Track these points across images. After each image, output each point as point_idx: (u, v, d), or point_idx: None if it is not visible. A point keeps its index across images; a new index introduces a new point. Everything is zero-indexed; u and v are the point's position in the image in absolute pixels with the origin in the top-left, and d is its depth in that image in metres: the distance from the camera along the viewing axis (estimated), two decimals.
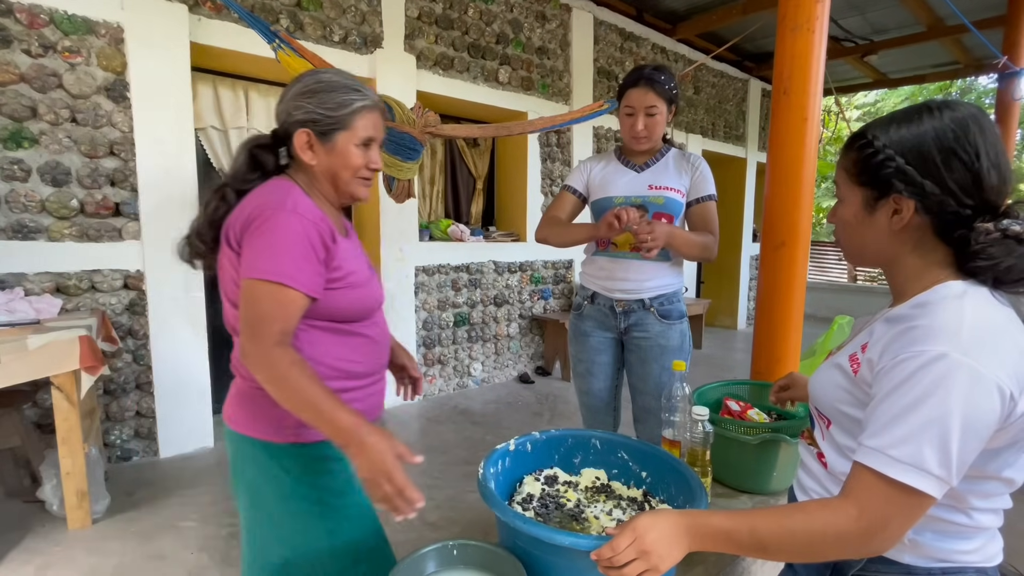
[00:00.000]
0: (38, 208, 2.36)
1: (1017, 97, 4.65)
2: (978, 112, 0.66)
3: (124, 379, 2.61)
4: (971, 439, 0.60)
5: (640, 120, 1.58)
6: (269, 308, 0.83)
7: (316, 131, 0.92)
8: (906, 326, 0.66)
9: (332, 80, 0.93)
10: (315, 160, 0.94)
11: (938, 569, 0.70)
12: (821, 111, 1.72)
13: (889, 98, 13.56)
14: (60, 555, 1.90)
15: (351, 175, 0.96)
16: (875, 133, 0.70)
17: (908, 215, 0.68)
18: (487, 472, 0.90)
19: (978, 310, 0.64)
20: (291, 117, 0.93)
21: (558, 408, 3.60)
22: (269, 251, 0.84)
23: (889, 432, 0.62)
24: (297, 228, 0.85)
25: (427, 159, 4.08)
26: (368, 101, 0.94)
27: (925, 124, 0.67)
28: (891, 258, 0.73)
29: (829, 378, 0.78)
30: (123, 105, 2.50)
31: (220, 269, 0.95)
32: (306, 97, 0.92)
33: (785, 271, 1.67)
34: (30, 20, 2.28)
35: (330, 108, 0.92)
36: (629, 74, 1.62)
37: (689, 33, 5.05)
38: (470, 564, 0.80)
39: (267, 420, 0.94)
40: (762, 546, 0.66)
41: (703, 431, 1.06)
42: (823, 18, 1.60)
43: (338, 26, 3.12)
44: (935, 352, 0.61)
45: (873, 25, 5.04)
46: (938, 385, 0.60)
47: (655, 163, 1.67)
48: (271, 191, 0.91)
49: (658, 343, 1.62)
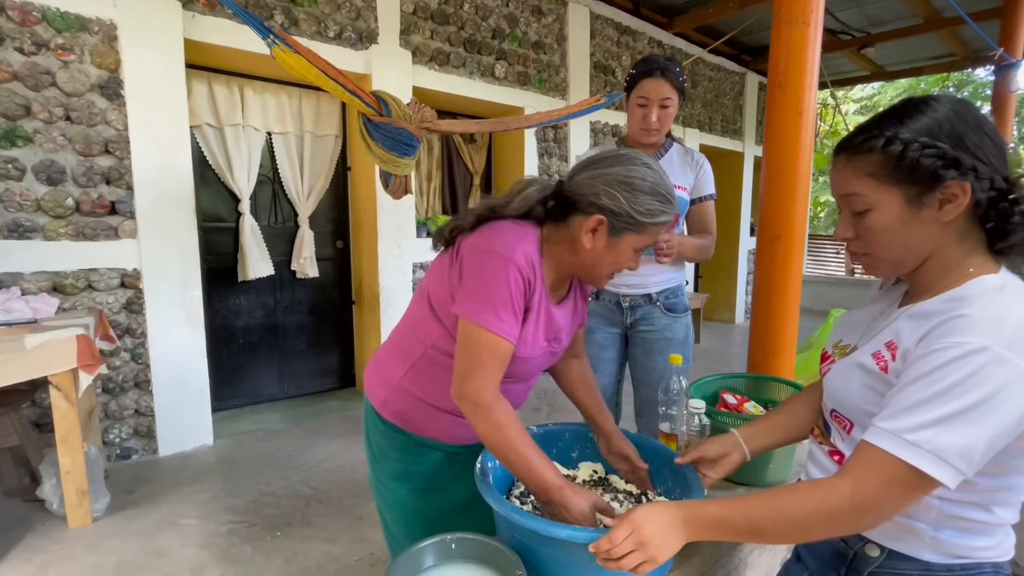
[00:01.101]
0: (33, 207, 2.35)
1: (1013, 89, 4.66)
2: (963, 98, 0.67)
3: (122, 378, 2.61)
4: (1001, 437, 0.59)
5: (654, 112, 1.55)
6: (490, 360, 0.87)
7: (611, 223, 0.89)
8: (942, 319, 0.64)
9: (655, 182, 0.89)
10: (590, 245, 0.91)
11: (957, 565, 0.70)
12: (817, 104, 1.72)
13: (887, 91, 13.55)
14: (60, 553, 1.91)
15: (608, 273, 0.95)
16: (893, 130, 0.66)
17: (966, 199, 0.64)
18: (485, 466, 0.91)
19: (1022, 305, 0.62)
20: (599, 198, 0.88)
21: (556, 403, 3.61)
22: (492, 301, 0.86)
23: (910, 417, 0.61)
24: (515, 275, 0.87)
25: (424, 155, 4.08)
26: (671, 216, 0.91)
27: (938, 111, 0.65)
28: (932, 253, 0.69)
29: (853, 379, 0.74)
30: (117, 103, 2.49)
31: (435, 266, 1.01)
32: (626, 188, 0.87)
33: (781, 264, 1.68)
34: (22, 17, 2.27)
35: (640, 211, 0.87)
36: (642, 63, 1.57)
37: (686, 27, 5.03)
38: (468, 557, 0.81)
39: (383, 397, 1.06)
40: (757, 530, 0.66)
41: (700, 424, 1.07)
42: (818, 11, 1.60)
43: (333, 22, 3.11)
44: (976, 344, 0.59)
45: (870, 17, 5.03)
46: (976, 378, 0.58)
47: (659, 159, 1.65)
48: (509, 231, 0.91)
49: (664, 336, 1.63)
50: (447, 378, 0.93)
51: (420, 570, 0.78)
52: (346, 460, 2.71)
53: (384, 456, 1.08)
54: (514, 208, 0.95)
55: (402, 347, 1.05)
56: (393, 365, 1.06)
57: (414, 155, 2.43)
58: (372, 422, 1.10)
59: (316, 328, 3.70)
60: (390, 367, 1.06)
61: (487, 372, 0.86)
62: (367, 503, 2.27)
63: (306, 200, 3.48)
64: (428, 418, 1.04)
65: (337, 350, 3.80)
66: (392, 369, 1.06)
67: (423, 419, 1.04)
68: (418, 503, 1.07)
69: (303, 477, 2.52)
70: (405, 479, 1.07)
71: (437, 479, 1.08)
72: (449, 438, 1.07)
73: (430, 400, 1.02)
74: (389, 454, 1.08)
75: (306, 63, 2.05)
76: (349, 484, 2.45)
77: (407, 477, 1.07)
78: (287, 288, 3.55)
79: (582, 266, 0.94)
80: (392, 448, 1.07)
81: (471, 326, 0.86)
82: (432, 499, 1.07)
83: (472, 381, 0.86)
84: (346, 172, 3.69)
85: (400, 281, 3.58)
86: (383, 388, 1.07)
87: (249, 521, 2.15)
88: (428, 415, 1.04)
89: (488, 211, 0.96)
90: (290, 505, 2.28)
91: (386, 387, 1.06)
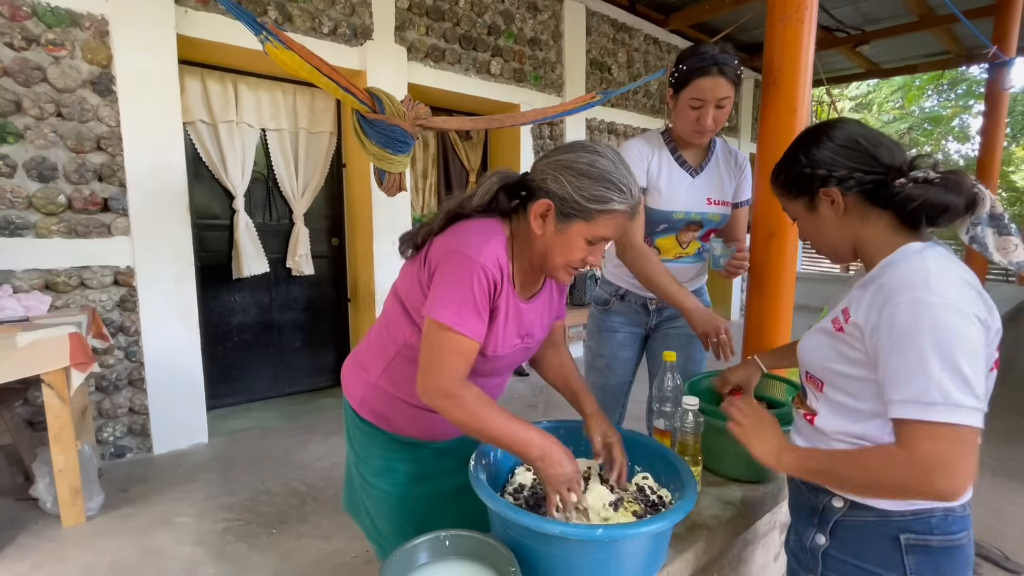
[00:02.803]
0: (25, 204, 2.33)
1: (1006, 87, 4.68)
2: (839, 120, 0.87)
3: (116, 376, 2.60)
4: (976, 361, 0.69)
5: (710, 113, 1.41)
6: (452, 357, 0.88)
7: (558, 208, 0.88)
8: (878, 283, 0.78)
9: (605, 170, 0.87)
10: (540, 231, 0.91)
11: (909, 512, 0.80)
12: (811, 102, 1.73)
13: (881, 88, 13.60)
14: (54, 552, 1.90)
15: (562, 262, 0.93)
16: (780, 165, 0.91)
17: (839, 197, 0.83)
18: (479, 463, 0.91)
19: (939, 260, 0.76)
20: (545, 182, 0.89)
21: (552, 400, 3.62)
22: (456, 300, 0.86)
23: (912, 382, 0.70)
24: (479, 276, 0.87)
25: (419, 152, 4.06)
26: (625, 207, 0.88)
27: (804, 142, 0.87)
28: (853, 238, 0.86)
29: (817, 342, 0.88)
30: (109, 99, 2.47)
31: (406, 268, 1.02)
32: (571, 173, 0.87)
33: (775, 261, 1.68)
34: (12, 12, 2.24)
35: (585, 196, 0.86)
36: (693, 57, 1.40)
37: (681, 24, 5.03)
38: (462, 554, 0.81)
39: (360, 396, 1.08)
40: (831, 473, 0.78)
41: (693, 421, 1.07)
42: (812, 8, 1.60)
43: (327, 18, 3.09)
44: (911, 298, 0.71)
45: (865, 15, 5.04)
46: (926, 325, 0.70)
47: (708, 163, 1.57)
48: (476, 231, 0.91)
49: (687, 331, 1.62)
50: None
51: (414, 567, 0.78)
52: (341, 458, 2.70)
53: (367, 454, 1.09)
54: (479, 199, 0.94)
55: (378, 346, 1.06)
56: (369, 364, 1.07)
57: (408, 152, 2.42)
58: (352, 421, 1.11)
59: (311, 326, 3.69)
60: (367, 366, 1.07)
61: (449, 368, 0.87)
62: None
63: (301, 197, 3.46)
64: (405, 416, 1.05)
65: (332, 348, 3.80)
66: (369, 368, 1.07)
67: (400, 417, 1.05)
68: (404, 499, 1.07)
69: (298, 475, 2.52)
70: (388, 475, 1.07)
71: (422, 474, 1.08)
72: (428, 435, 1.08)
73: (406, 398, 1.03)
74: (371, 451, 1.08)
75: (299, 60, 2.03)
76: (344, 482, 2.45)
77: (390, 473, 1.07)
78: (282, 286, 3.53)
79: (537, 255, 0.94)
80: (374, 445, 1.08)
81: (434, 325, 0.87)
82: (418, 493, 1.08)
83: (435, 377, 0.87)
84: (341, 169, 3.67)
85: (395, 277, 3.57)
86: (360, 387, 1.08)
87: (244, 519, 2.15)
88: (405, 413, 1.05)
89: (457, 207, 0.96)
90: (285, 503, 2.28)
91: (363, 386, 1.07)
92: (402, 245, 1.02)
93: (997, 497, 2.44)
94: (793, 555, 0.97)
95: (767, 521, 1.30)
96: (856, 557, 0.85)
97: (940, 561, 0.81)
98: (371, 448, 1.08)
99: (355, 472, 1.14)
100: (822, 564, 0.89)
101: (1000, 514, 2.30)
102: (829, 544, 0.88)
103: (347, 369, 1.14)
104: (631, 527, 0.78)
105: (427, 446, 1.09)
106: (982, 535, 2.10)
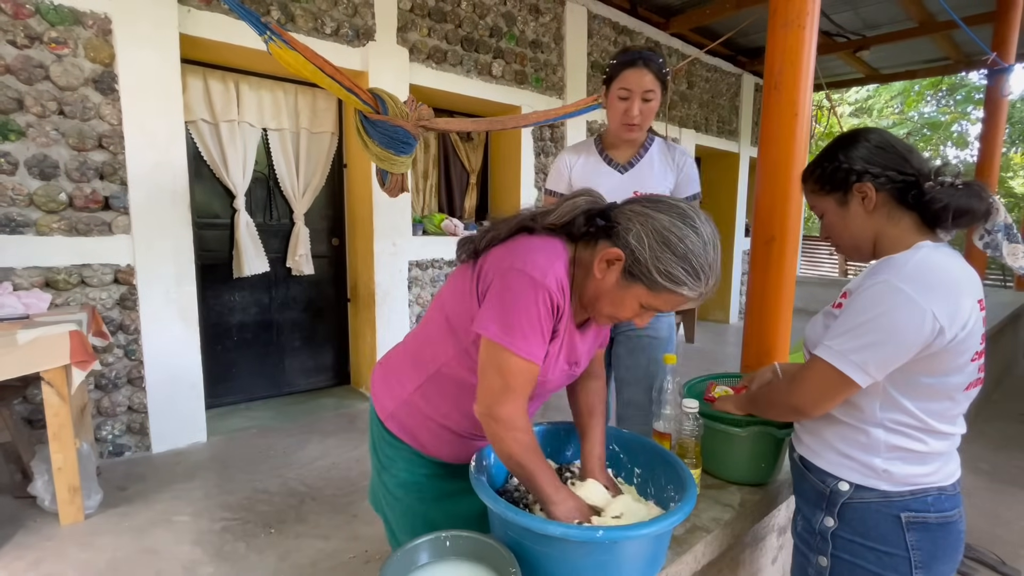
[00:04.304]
0: (26, 202, 2.33)
1: (1005, 93, 4.70)
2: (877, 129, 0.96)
3: (115, 374, 2.60)
4: (892, 345, 0.82)
5: (636, 104, 1.47)
6: (522, 385, 0.85)
7: (627, 264, 0.83)
8: (871, 270, 0.90)
9: (693, 252, 0.81)
10: (601, 276, 0.85)
11: (907, 492, 0.90)
12: (812, 106, 1.74)
13: (881, 93, 13.64)
14: (52, 550, 1.90)
15: (608, 313, 0.88)
16: (818, 160, 0.98)
17: (873, 193, 0.91)
18: (479, 464, 0.91)
19: (930, 257, 0.85)
20: (628, 233, 0.83)
21: (551, 401, 3.61)
22: (522, 324, 0.82)
23: (838, 335, 0.87)
24: (545, 301, 0.83)
25: (420, 153, 4.07)
26: (695, 294, 0.83)
27: (845, 142, 0.95)
28: (876, 234, 0.94)
29: (819, 322, 0.99)
30: (111, 97, 2.47)
31: (455, 279, 0.96)
32: (658, 239, 0.81)
33: (775, 265, 1.69)
34: (15, 10, 2.25)
35: (659, 269, 0.80)
36: (622, 54, 1.50)
37: (683, 27, 5.04)
38: (463, 555, 0.81)
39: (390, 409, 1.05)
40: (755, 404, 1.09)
41: (693, 423, 1.08)
42: (814, 13, 1.61)
43: (330, 18, 3.10)
44: (879, 279, 0.85)
45: (865, 20, 5.06)
46: (874, 301, 0.84)
47: (640, 160, 1.60)
48: (540, 251, 0.86)
49: (647, 334, 1.62)
50: (459, 397, 0.92)
51: (414, 567, 0.79)
52: (340, 457, 2.70)
53: (391, 465, 1.06)
54: (557, 218, 0.89)
55: (415, 359, 1.02)
56: (404, 377, 1.03)
57: (411, 153, 2.43)
58: (378, 432, 1.08)
59: (311, 325, 3.69)
60: (401, 379, 1.03)
61: (519, 396, 0.85)
62: (361, 500, 2.27)
63: (302, 197, 3.46)
64: (434, 437, 1.02)
65: (332, 347, 3.80)
66: (403, 382, 1.03)
67: (430, 437, 1.03)
68: (428, 512, 1.05)
69: (297, 474, 2.52)
70: (413, 489, 1.05)
71: (447, 491, 1.06)
72: (453, 458, 1.05)
73: (439, 419, 1.00)
74: (396, 463, 1.05)
75: (302, 60, 2.04)
76: (343, 482, 2.45)
77: (415, 487, 1.05)
78: (282, 285, 3.53)
79: (587, 293, 0.89)
80: (400, 459, 1.05)
81: (500, 350, 0.83)
82: (441, 510, 1.05)
83: (507, 406, 0.84)
84: (342, 169, 3.68)
85: (395, 279, 3.58)
86: (391, 400, 1.04)
87: (243, 518, 2.15)
88: (435, 434, 1.02)
89: (530, 219, 0.91)
90: (284, 502, 2.27)
91: (394, 400, 1.04)
92: (460, 249, 0.95)
93: (994, 502, 2.45)
94: (801, 539, 1.03)
95: (765, 524, 1.30)
96: (863, 536, 0.92)
97: (937, 535, 0.90)
98: (397, 460, 1.06)
99: (378, 479, 1.11)
100: (832, 545, 0.95)
101: (997, 519, 2.31)
102: (838, 526, 0.94)
103: (377, 378, 1.09)
104: (631, 529, 0.78)
105: (453, 466, 1.06)
106: (979, 540, 2.11)
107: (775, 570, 1.40)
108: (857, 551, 0.93)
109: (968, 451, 1.01)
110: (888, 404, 0.89)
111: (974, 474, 2.69)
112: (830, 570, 0.96)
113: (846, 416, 0.93)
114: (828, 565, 0.96)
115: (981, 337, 0.88)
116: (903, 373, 0.86)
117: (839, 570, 0.95)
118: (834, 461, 0.95)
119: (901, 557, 0.90)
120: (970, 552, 2.01)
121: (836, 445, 0.95)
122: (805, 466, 1.01)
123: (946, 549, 0.91)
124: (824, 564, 0.97)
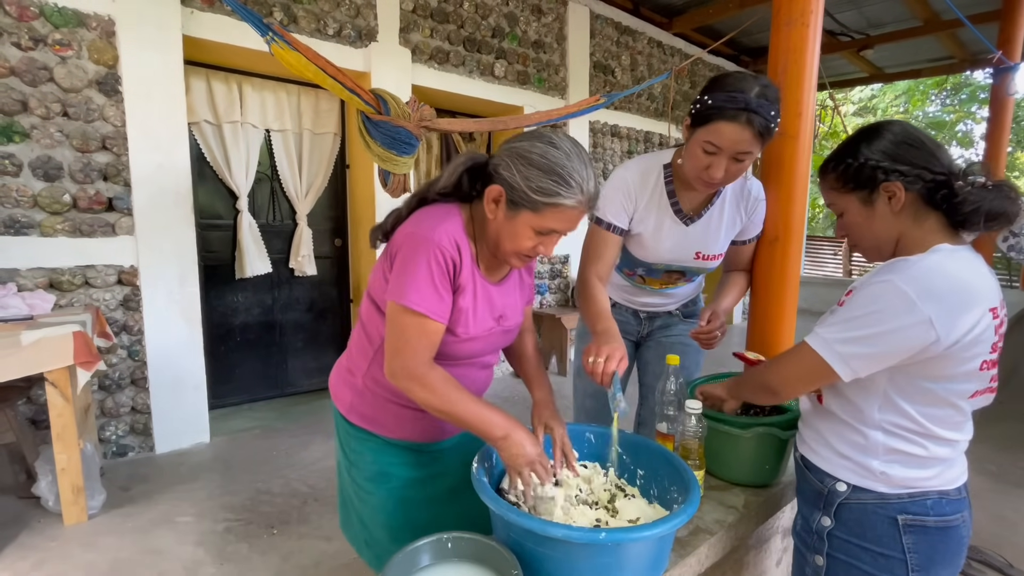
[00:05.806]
0: (30, 203, 2.34)
1: (1011, 92, 4.67)
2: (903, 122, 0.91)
3: (119, 375, 2.60)
4: (881, 344, 0.80)
5: (723, 164, 1.16)
6: (417, 337, 0.89)
7: (508, 196, 0.88)
8: (880, 268, 0.87)
9: (556, 162, 0.84)
10: (493, 217, 0.91)
11: (906, 495, 0.88)
12: (816, 106, 1.72)
13: (886, 93, 13.58)
14: (56, 551, 1.91)
15: (511, 250, 0.92)
16: (842, 154, 0.92)
17: (902, 193, 0.86)
18: (481, 465, 0.91)
19: (941, 262, 0.81)
20: (499, 168, 0.89)
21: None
22: (414, 280, 0.87)
23: (830, 324, 0.86)
24: (436, 255, 0.88)
25: (423, 153, 4.07)
26: (573, 201, 0.86)
27: (871, 136, 0.90)
28: (899, 235, 0.89)
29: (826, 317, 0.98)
30: (115, 99, 2.48)
31: (375, 265, 1.01)
32: (522, 163, 0.86)
33: (779, 266, 1.67)
34: (19, 12, 2.26)
35: (532, 187, 0.85)
36: (724, 94, 1.12)
37: (685, 27, 5.03)
38: (464, 557, 0.81)
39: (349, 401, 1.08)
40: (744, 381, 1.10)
41: (696, 424, 1.07)
42: (818, 12, 1.60)
43: (332, 19, 3.10)
44: (884, 278, 0.82)
45: (869, 19, 5.03)
46: (873, 298, 0.82)
47: (709, 209, 1.37)
48: (433, 214, 0.93)
49: (681, 341, 1.60)
50: None
51: (416, 569, 0.78)
52: None
53: (360, 460, 1.08)
54: (444, 180, 0.95)
55: (359, 347, 1.06)
56: (354, 367, 1.07)
57: (413, 153, 2.43)
58: (342, 428, 1.11)
59: (313, 326, 3.69)
60: (352, 369, 1.07)
61: (414, 349, 0.88)
62: None
63: (304, 198, 3.47)
64: (394, 417, 1.04)
65: (334, 348, 3.80)
66: (353, 371, 1.07)
67: (391, 419, 1.05)
68: (400, 503, 1.06)
69: (300, 475, 2.52)
70: (383, 480, 1.07)
71: (417, 477, 1.07)
72: (420, 436, 1.07)
73: (392, 398, 1.03)
74: (364, 456, 1.08)
75: (305, 61, 2.04)
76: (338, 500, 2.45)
77: (385, 478, 1.06)
78: (285, 286, 3.54)
79: (491, 240, 0.95)
80: (367, 451, 1.07)
81: (397, 308, 0.88)
82: (414, 496, 1.07)
83: (401, 358, 0.88)
84: (345, 170, 3.68)
85: None
86: (348, 392, 1.08)
87: (245, 519, 2.15)
88: (394, 414, 1.04)
89: (424, 189, 0.98)
90: (286, 503, 2.28)
91: (351, 391, 1.07)
92: (372, 236, 1.02)
93: (1000, 504, 2.43)
94: (800, 538, 1.03)
95: (770, 526, 1.29)
96: (859, 537, 0.91)
97: (935, 539, 0.88)
98: (364, 454, 1.07)
99: (348, 480, 1.13)
100: (828, 544, 0.95)
101: (1003, 521, 2.29)
102: (834, 526, 0.94)
103: (334, 377, 1.14)
104: (634, 531, 0.78)
105: (421, 449, 1.09)
106: (985, 542, 2.09)
107: (780, 573, 1.39)
108: (853, 552, 0.92)
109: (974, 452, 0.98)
110: (887, 406, 0.87)
111: (980, 476, 2.67)
112: (826, 570, 0.96)
113: (846, 415, 0.92)
114: (824, 565, 0.96)
115: (993, 346, 0.83)
116: (903, 375, 0.84)
117: (835, 570, 0.94)
118: (832, 461, 0.94)
119: (897, 559, 0.89)
120: (976, 555, 1.99)
121: (835, 445, 0.94)
122: (806, 465, 1.00)
123: (945, 554, 0.89)
124: (820, 564, 0.96)
